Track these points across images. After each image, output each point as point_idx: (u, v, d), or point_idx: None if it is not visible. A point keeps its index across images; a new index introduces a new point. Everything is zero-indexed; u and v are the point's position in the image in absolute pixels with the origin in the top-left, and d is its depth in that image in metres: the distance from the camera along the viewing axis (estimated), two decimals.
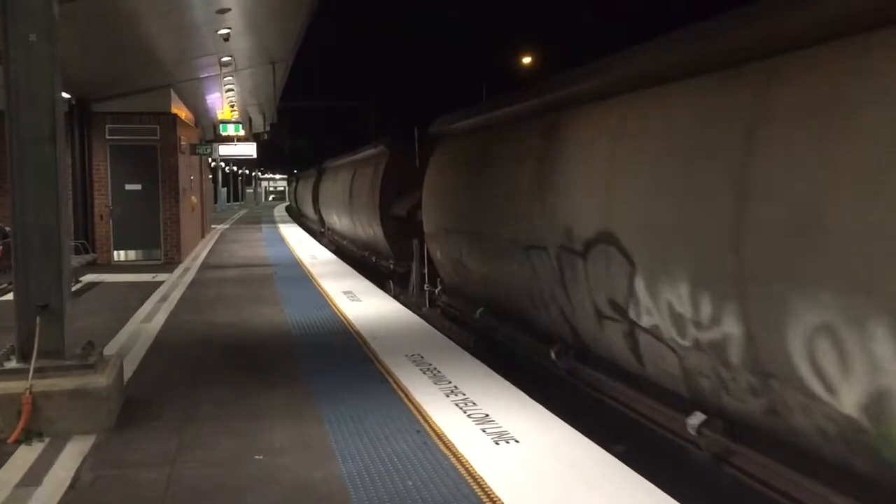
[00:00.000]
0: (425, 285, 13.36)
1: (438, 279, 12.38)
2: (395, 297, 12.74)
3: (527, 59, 35.28)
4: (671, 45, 5.91)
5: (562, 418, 5.57)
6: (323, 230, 30.48)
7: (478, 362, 7.39)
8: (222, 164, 49.53)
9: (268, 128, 31.52)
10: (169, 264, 16.64)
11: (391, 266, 16.71)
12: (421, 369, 7.07)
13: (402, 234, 15.20)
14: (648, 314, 5.74)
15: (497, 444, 5.06)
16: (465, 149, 10.73)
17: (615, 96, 6.57)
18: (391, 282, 16.31)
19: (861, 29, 3.98)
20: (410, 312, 10.44)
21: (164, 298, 11.83)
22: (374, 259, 18.65)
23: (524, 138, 8.46)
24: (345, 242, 24.08)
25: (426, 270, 13.37)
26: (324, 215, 29.62)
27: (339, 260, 18.31)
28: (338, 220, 24.89)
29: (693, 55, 5.48)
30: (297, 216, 45.67)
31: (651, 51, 6.23)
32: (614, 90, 6.60)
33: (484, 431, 5.30)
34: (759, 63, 4.74)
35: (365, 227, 19.02)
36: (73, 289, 11.68)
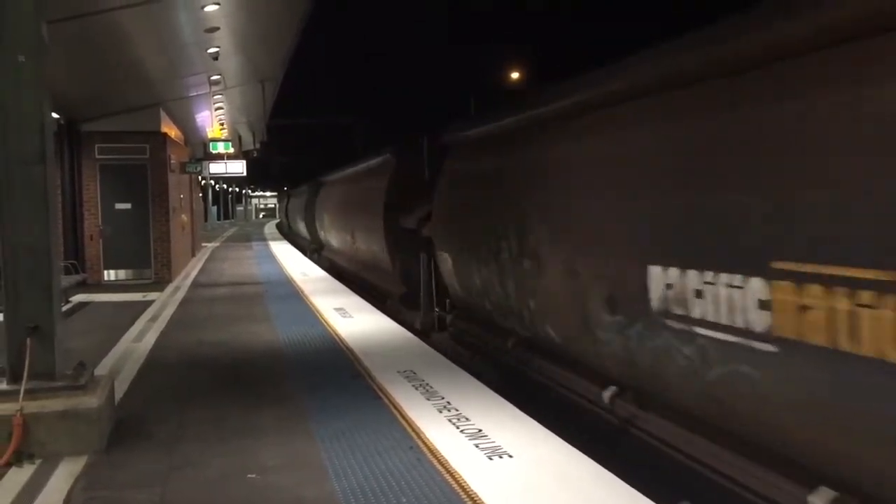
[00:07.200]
0: None
1: None
2: None
3: (515, 75, 35.47)
4: None
5: None
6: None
7: (471, 378, 7.38)
8: (212, 182, 49.53)
9: (257, 145, 31.58)
10: (159, 283, 16.57)
11: None
12: (414, 385, 7.06)
13: None
14: None
15: (491, 459, 5.05)
16: None
17: None
18: None
19: None
20: (403, 329, 10.42)
21: (154, 318, 11.78)
22: None
23: None
24: None
25: None
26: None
27: (329, 277, 18.27)
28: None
29: None
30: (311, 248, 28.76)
31: None
32: None
33: (477, 447, 5.29)
34: None
35: None
36: (64, 309, 11.62)
